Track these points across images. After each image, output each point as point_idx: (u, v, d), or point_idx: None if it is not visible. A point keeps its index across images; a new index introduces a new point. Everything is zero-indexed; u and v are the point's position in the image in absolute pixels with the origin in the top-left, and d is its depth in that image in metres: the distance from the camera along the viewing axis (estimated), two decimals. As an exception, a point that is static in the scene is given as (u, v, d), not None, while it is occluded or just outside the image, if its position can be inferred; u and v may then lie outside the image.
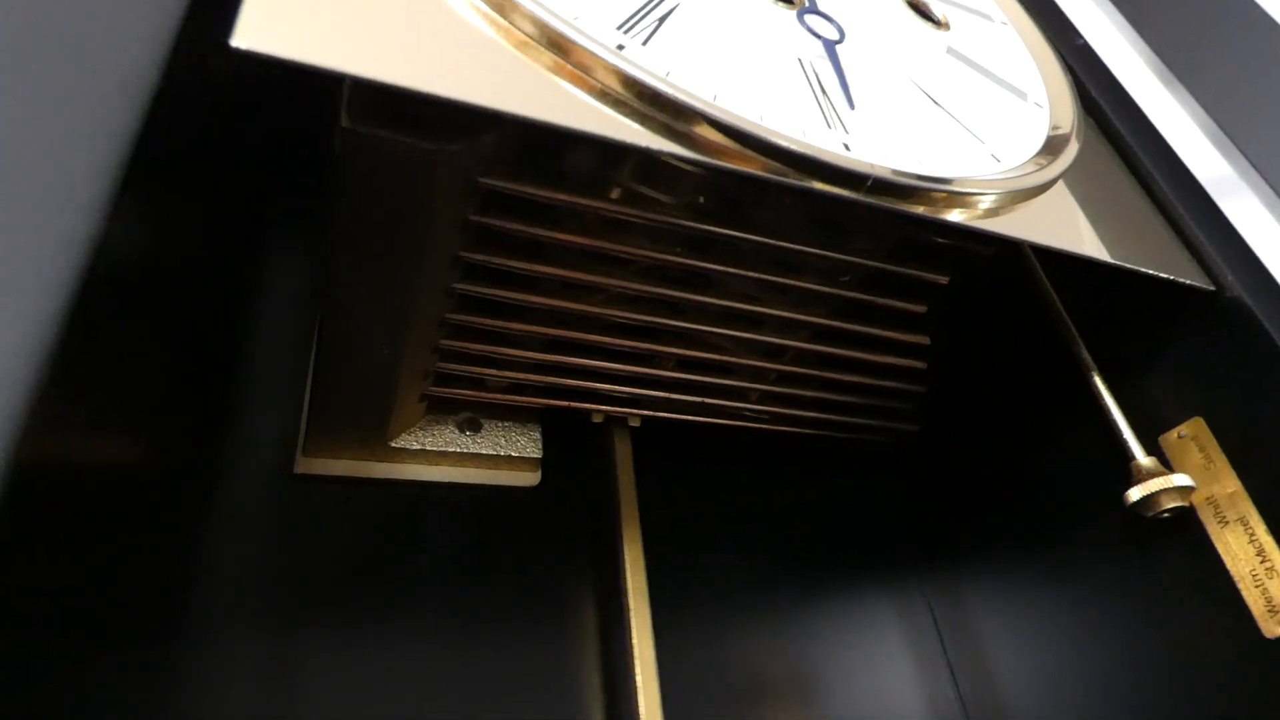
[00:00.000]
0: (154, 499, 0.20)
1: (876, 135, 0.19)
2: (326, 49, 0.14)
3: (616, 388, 0.25)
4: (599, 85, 0.16)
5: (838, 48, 0.21)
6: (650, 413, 0.27)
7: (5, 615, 0.11)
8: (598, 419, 0.27)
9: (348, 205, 0.19)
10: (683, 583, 0.27)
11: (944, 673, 0.30)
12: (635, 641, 0.23)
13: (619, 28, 0.18)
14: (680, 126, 0.16)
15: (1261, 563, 0.21)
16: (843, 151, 0.18)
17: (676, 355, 0.25)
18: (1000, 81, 0.25)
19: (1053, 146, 0.23)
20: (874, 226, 0.23)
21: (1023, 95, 0.25)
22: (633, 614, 0.24)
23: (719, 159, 0.17)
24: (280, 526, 0.24)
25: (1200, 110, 0.31)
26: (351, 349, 0.22)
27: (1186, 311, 0.23)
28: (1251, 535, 0.21)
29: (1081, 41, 0.30)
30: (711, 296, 0.23)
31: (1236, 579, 0.21)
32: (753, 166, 0.17)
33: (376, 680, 0.23)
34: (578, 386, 0.25)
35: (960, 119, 0.22)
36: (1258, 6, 0.31)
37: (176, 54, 0.14)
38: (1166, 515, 0.22)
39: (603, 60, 0.16)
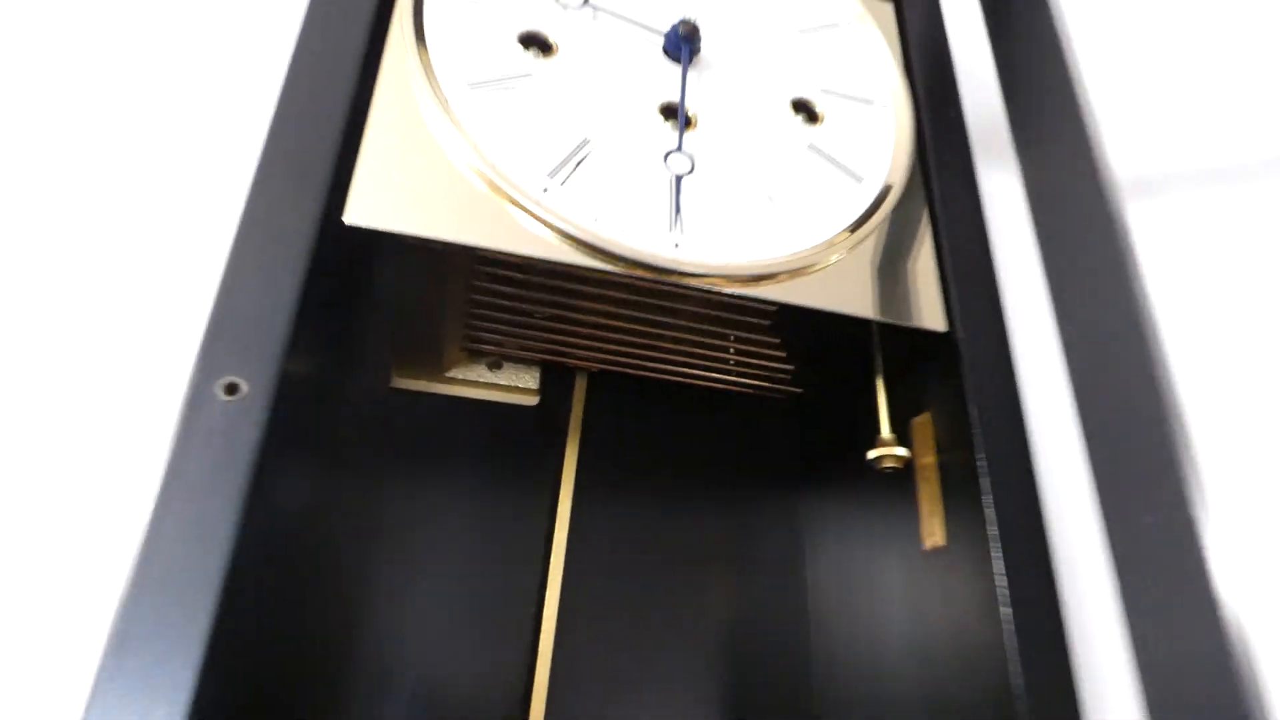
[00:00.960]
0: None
1: (707, 234, 0.32)
2: (404, 218, 0.28)
3: (580, 349, 0.40)
4: (534, 217, 0.30)
5: (684, 179, 0.33)
6: (603, 366, 0.42)
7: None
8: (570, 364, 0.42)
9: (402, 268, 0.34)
10: (608, 484, 0.43)
11: (804, 580, 0.44)
12: (560, 513, 0.39)
13: (549, 174, 0.31)
14: (573, 238, 0.30)
15: (930, 506, 0.34)
16: (670, 252, 0.31)
17: (622, 335, 0.39)
18: (841, 167, 0.36)
19: (860, 222, 0.35)
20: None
21: (858, 179, 0.36)
22: (560, 500, 0.40)
23: (583, 260, 0.30)
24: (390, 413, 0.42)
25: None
26: (417, 326, 0.38)
27: (934, 341, 0.34)
28: (931, 490, 0.34)
29: (954, 113, 0.39)
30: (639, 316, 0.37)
31: (920, 515, 0.34)
32: (617, 266, 0.31)
33: (418, 514, 0.40)
34: (556, 348, 0.40)
35: (784, 210, 0.34)
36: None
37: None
38: (889, 470, 0.35)
39: (527, 202, 0.30)
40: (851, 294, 0.33)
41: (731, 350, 0.39)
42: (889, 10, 0.43)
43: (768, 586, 0.43)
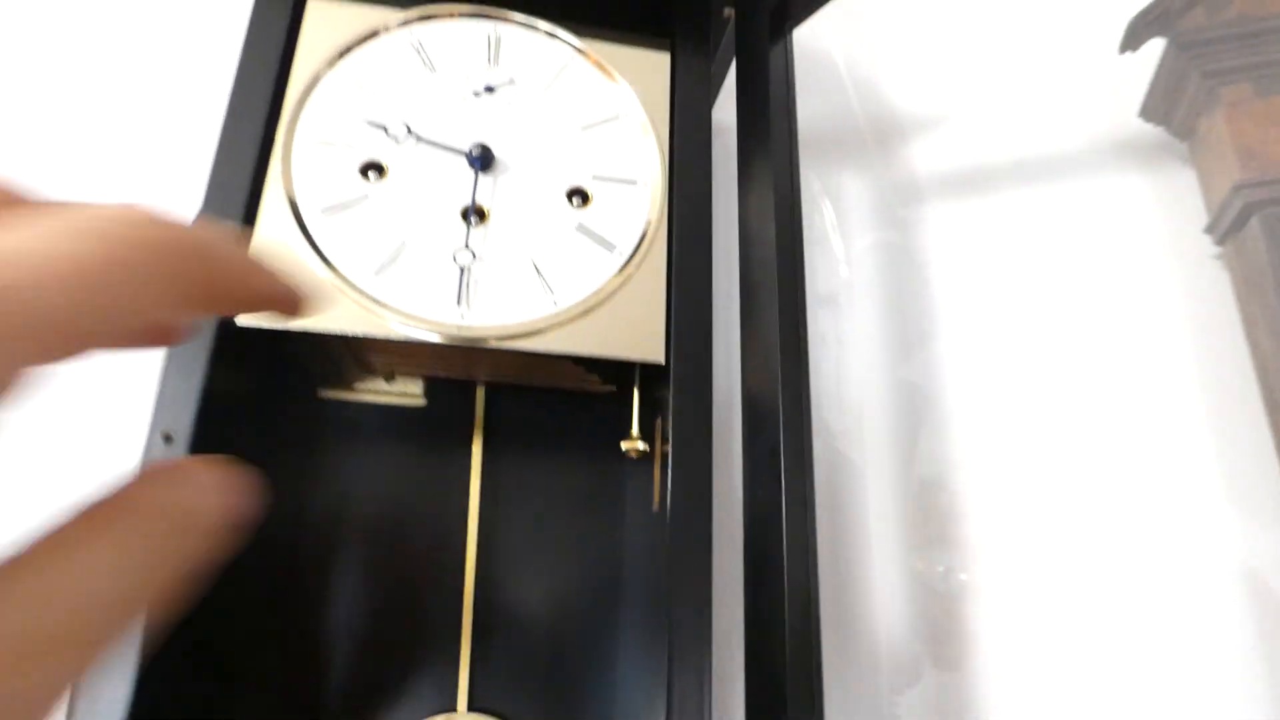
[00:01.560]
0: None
1: (485, 306, 0.47)
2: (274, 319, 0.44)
3: (446, 371, 0.56)
4: (366, 304, 0.46)
5: (469, 267, 0.48)
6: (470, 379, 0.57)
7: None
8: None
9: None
10: (508, 445, 0.59)
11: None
12: (472, 483, 0.56)
13: (374, 273, 0.46)
14: (390, 318, 0.46)
15: (659, 482, 0.49)
16: (457, 321, 0.46)
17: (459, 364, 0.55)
18: (600, 240, 0.50)
19: (607, 284, 0.49)
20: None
21: (611, 247, 0.50)
22: (472, 471, 0.57)
23: (399, 332, 0.46)
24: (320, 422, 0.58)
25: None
26: (323, 364, 0.55)
27: (661, 369, 0.49)
28: (656, 471, 0.49)
29: (699, 186, 0.52)
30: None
31: (655, 491, 0.49)
32: (423, 333, 0.46)
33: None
34: (423, 372, 0.56)
35: (548, 280, 0.48)
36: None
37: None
38: (636, 456, 0.50)
39: (350, 290, 0.45)
40: (589, 338, 0.48)
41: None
42: (664, 73, 0.55)
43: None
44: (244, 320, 0.44)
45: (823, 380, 0.69)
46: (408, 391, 0.59)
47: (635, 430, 0.51)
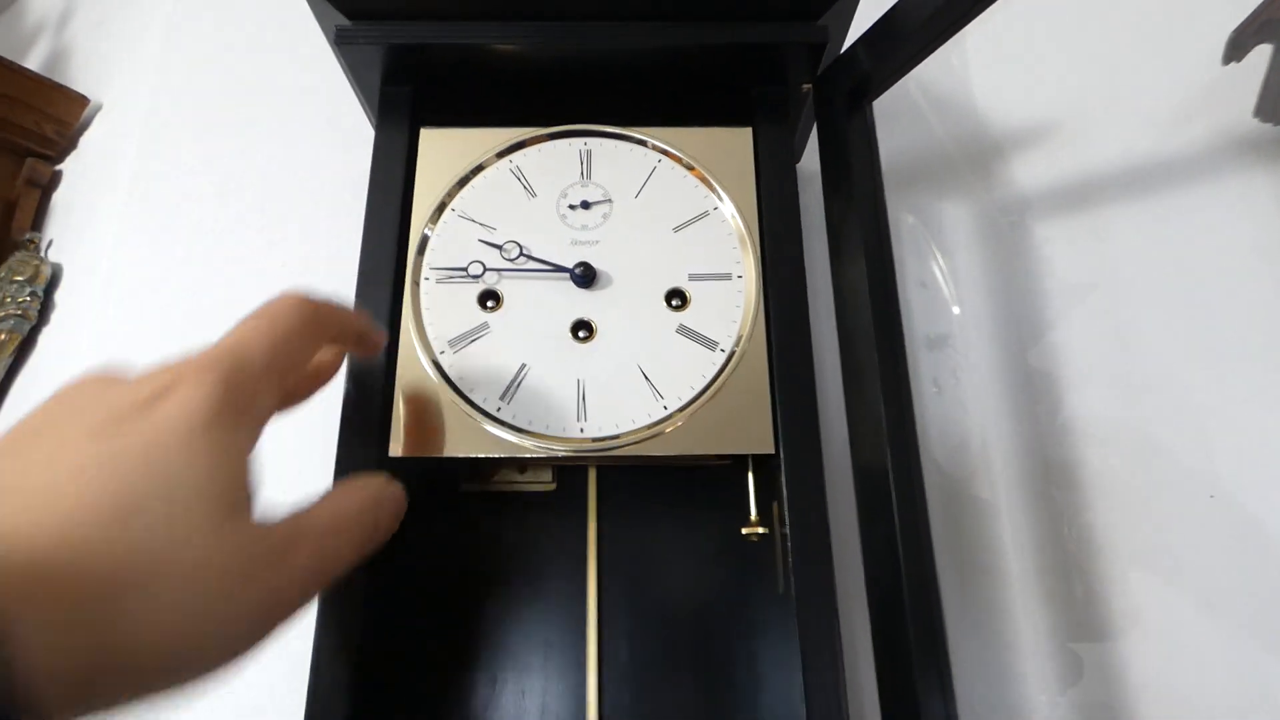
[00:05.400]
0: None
1: (602, 416, 0.51)
2: (422, 445, 0.50)
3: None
4: (489, 429, 0.50)
5: (585, 382, 0.51)
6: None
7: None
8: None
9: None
10: (622, 527, 0.63)
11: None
12: (589, 539, 0.60)
13: (499, 397, 0.51)
14: (520, 441, 0.50)
15: (782, 555, 0.51)
16: (578, 435, 0.50)
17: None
18: (702, 340, 0.53)
19: (713, 381, 0.51)
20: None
21: (713, 345, 0.53)
22: (589, 548, 0.61)
23: (527, 450, 0.50)
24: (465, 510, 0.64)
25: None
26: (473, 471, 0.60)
27: (775, 458, 0.51)
28: (775, 552, 0.51)
29: (792, 274, 0.54)
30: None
31: (775, 562, 0.52)
32: (549, 449, 0.50)
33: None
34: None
35: (655, 384, 0.51)
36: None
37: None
38: (755, 540, 0.52)
39: (481, 417, 0.50)
40: (703, 438, 0.51)
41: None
42: (748, 152, 0.57)
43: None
44: (393, 451, 0.50)
45: (947, 423, 0.69)
46: (539, 479, 0.64)
47: (754, 515, 0.53)
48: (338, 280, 0.71)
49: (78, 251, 0.79)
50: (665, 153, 0.58)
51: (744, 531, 0.53)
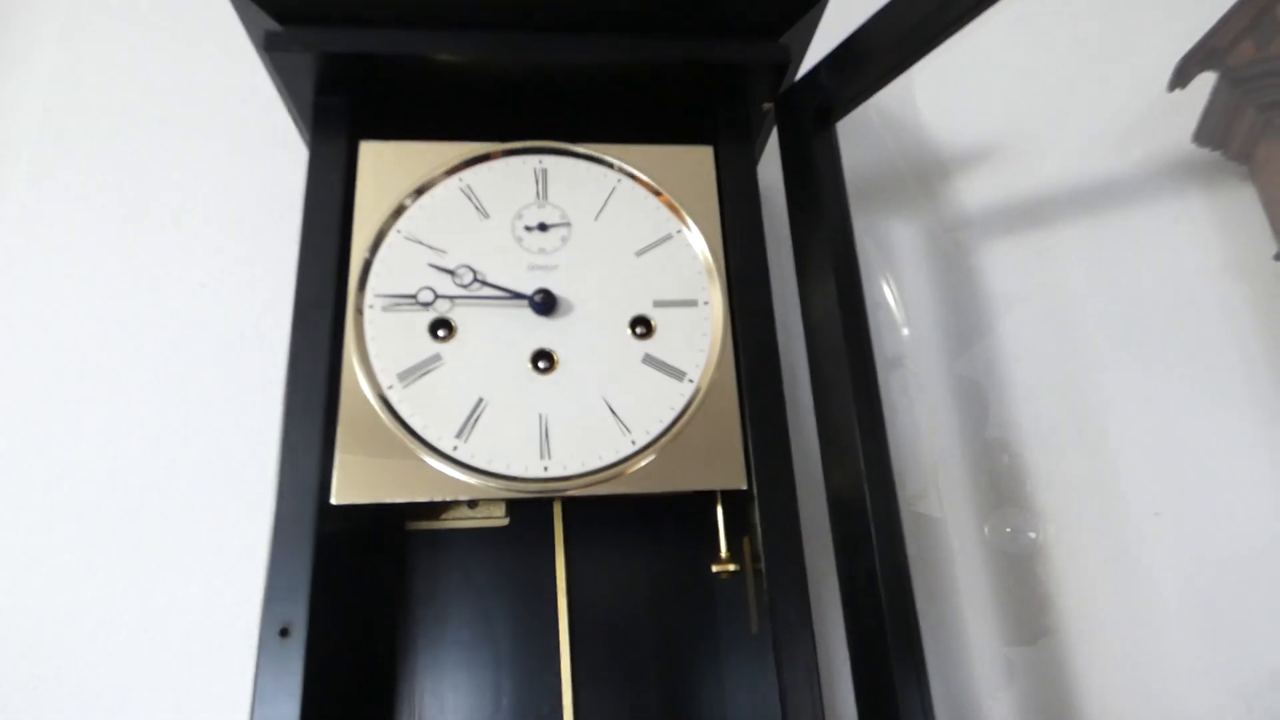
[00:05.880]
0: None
1: (566, 454, 0.48)
2: (369, 492, 0.46)
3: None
4: (444, 469, 0.47)
5: (548, 416, 0.48)
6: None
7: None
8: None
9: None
10: (591, 554, 0.60)
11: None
12: (558, 578, 0.57)
13: (455, 434, 0.47)
14: (479, 482, 0.47)
15: (756, 593, 0.49)
16: (541, 473, 0.47)
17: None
18: (669, 370, 0.50)
19: (681, 413, 0.49)
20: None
21: (680, 375, 0.50)
22: (558, 570, 0.58)
23: (486, 491, 0.47)
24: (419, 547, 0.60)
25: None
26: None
27: (747, 494, 0.49)
28: (747, 590, 0.49)
29: (760, 301, 0.52)
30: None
31: (748, 600, 0.50)
32: (508, 491, 0.47)
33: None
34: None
35: (622, 418, 0.49)
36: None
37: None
38: (726, 578, 0.50)
39: (436, 457, 0.46)
40: (673, 474, 0.48)
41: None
42: (709, 171, 0.55)
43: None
44: (336, 499, 0.46)
45: (901, 443, 0.69)
46: (491, 514, 0.61)
47: (724, 552, 0.51)
48: (261, 303, 0.65)
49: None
50: (625, 172, 0.55)
51: (714, 569, 0.51)
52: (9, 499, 0.63)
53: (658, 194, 0.55)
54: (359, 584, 0.55)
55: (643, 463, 0.48)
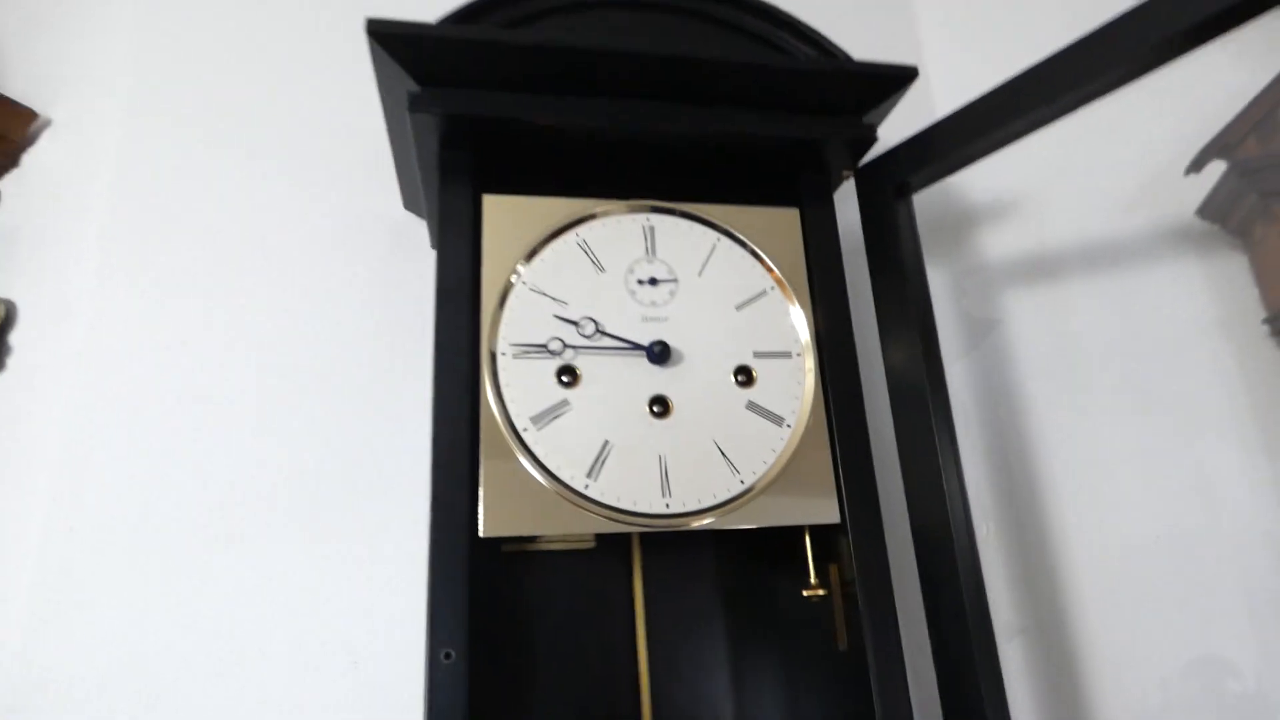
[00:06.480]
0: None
1: (684, 492, 0.53)
2: (512, 525, 0.50)
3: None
4: (577, 506, 0.52)
5: (667, 458, 0.54)
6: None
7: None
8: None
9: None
10: (664, 578, 0.66)
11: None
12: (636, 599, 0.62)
13: (586, 474, 0.52)
14: (609, 516, 0.52)
15: (844, 621, 0.56)
16: (663, 510, 0.52)
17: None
18: (769, 415, 0.56)
19: (782, 455, 0.55)
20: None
21: (780, 420, 0.56)
22: (636, 590, 0.63)
23: (613, 526, 0.52)
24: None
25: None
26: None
27: (840, 527, 0.56)
28: (836, 612, 0.56)
29: (846, 351, 0.59)
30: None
31: (835, 628, 0.56)
32: (633, 525, 0.52)
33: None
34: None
35: (731, 460, 0.55)
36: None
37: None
38: (816, 601, 0.57)
39: (571, 495, 0.51)
40: (776, 510, 0.54)
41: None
42: (796, 232, 0.61)
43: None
44: (485, 532, 0.50)
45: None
46: (582, 539, 0.66)
47: (813, 578, 0.57)
48: (349, 330, 0.69)
49: (39, 290, 0.71)
50: (724, 231, 0.61)
51: (805, 593, 0.57)
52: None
53: (753, 252, 0.61)
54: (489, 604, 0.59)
55: (751, 499, 0.54)
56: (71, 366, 0.67)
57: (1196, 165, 0.71)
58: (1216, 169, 0.71)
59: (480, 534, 0.50)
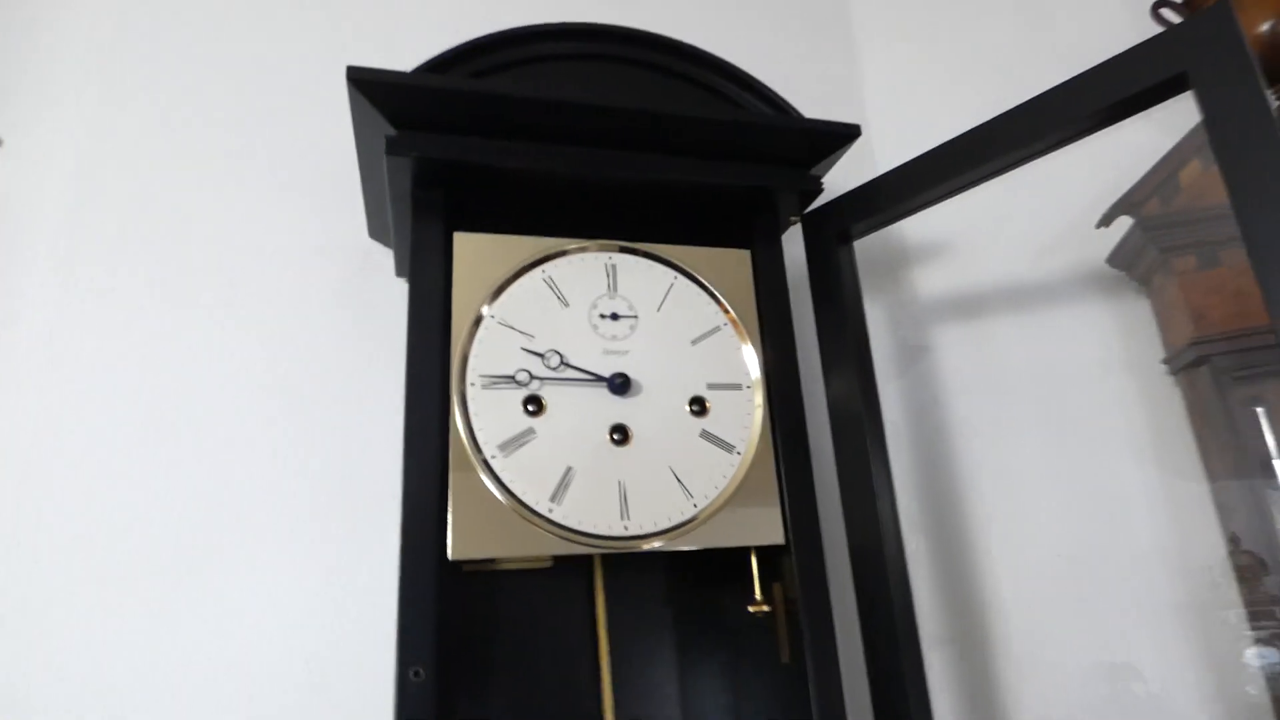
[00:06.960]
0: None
1: (642, 515, 0.57)
2: (479, 548, 0.53)
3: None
4: (541, 528, 0.55)
5: (626, 483, 0.57)
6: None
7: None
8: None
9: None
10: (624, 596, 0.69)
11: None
12: (599, 616, 0.65)
13: (549, 499, 0.56)
14: (570, 539, 0.55)
15: (787, 635, 0.60)
16: (622, 532, 0.56)
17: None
18: (721, 444, 0.61)
19: (731, 480, 0.60)
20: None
21: (730, 448, 0.61)
22: (599, 608, 0.67)
23: (574, 548, 0.55)
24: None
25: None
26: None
27: (784, 548, 0.60)
28: (779, 627, 0.60)
29: (791, 388, 0.64)
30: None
31: (778, 642, 0.61)
32: (593, 547, 0.55)
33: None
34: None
35: (686, 485, 0.59)
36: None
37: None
38: (761, 617, 0.61)
39: (535, 519, 0.55)
40: (726, 532, 0.59)
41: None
42: (746, 271, 0.66)
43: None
44: (453, 555, 0.53)
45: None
46: (539, 558, 0.69)
47: (759, 596, 0.62)
48: (314, 363, 0.71)
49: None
50: (680, 270, 0.65)
51: (751, 609, 0.61)
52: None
53: (708, 290, 0.65)
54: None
55: (703, 522, 0.58)
56: (30, 385, 0.67)
57: (1106, 220, 0.78)
58: (1124, 223, 0.79)
59: (449, 556, 0.53)
